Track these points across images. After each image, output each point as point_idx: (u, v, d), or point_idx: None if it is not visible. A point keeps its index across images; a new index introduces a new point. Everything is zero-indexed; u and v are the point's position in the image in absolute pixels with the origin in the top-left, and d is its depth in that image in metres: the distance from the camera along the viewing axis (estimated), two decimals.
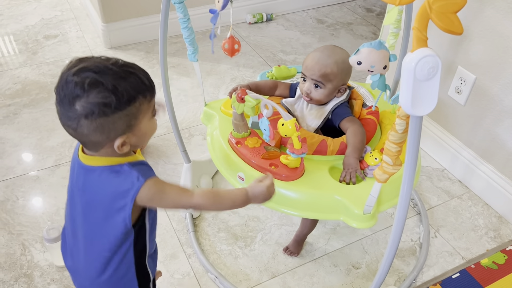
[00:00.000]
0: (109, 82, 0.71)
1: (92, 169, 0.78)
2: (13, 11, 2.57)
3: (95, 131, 0.73)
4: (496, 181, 1.48)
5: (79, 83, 0.70)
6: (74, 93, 0.71)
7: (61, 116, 0.74)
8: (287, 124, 0.95)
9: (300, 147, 0.97)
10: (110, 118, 0.72)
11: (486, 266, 1.31)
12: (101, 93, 0.71)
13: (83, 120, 0.72)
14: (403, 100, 0.66)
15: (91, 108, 0.71)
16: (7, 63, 2.14)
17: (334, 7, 2.73)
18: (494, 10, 1.32)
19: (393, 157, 0.83)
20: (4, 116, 1.82)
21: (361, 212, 0.96)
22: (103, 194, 0.78)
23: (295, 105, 1.19)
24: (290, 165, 1.01)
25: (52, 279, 1.26)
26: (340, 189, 1.01)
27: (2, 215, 1.43)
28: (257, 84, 1.22)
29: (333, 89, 1.13)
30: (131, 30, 2.26)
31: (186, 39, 1.18)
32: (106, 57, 0.76)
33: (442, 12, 0.63)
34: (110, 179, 0.77)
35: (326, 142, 1.08)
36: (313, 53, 1.13)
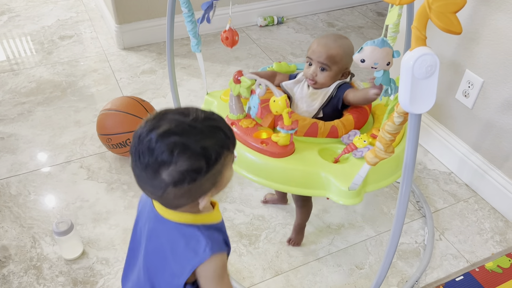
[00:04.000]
0: (197, 145, 0.64)
1: (164, 221, 0.74)
2: (30, 12, 2.64)
3: (182, 197, 0.68)
4: (503, 185, 1.47)
5: (165, 151, 0.63)
6: (160, 160, 0.63)
7: (143, 182, 0.68)
8: (278, 101, 0.99)
9: (290, 124, 1.01)
10: (199, 182, 0.66)
11: (490, 269, 1.30)
12: (191, 159, 0.64)
13: (170, 188, 0.66)
14: (402, 98, 0.68)
15: (180, 177, 0.64)
16: (23, 62, 2.20)
17: (345, 11, 2.74)
18: (501, 13, 1.33)
19: (386, 145, 0.86)
20: (19, 113, 1.87)
21: (346, 189, 0.99)
22: (167, 249, 0.74)
23: (294, 89, 1.22)
24: (280, 142, 1.05)
25: (60, 271, 1.29)
26: (328, 167, 1.05)
27: (14, 208, 1.47)
28: (257, 74, 1.25)
29: (338, 71, 1.16)
30: (143, 32, 2.31)
31: (190, 31, 1.23)
32: (184, 109, 0.68)
33: (441, 12, 0.64)
34: (179, 238, 0.72)
35: (317, 124, 1.12)
36: (318, 39, 1.17)
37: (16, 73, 2.12)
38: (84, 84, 2.05)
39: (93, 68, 2.17)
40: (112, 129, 1.53)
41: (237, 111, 1.13)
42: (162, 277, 0.77)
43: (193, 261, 0.70)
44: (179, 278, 0.72)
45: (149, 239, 0.77)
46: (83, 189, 1.54)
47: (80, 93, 2.00)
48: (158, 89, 2.03)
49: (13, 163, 1.64)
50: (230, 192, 1.54)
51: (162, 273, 0.76)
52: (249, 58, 2.26)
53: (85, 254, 1.34)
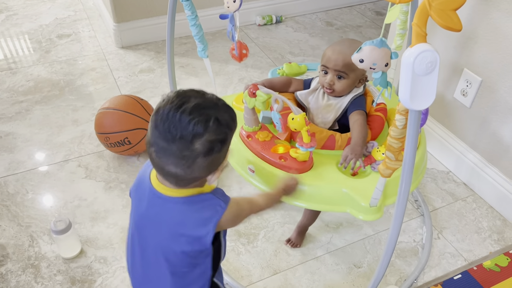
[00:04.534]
0: (224, 118, 0.73)
1: (173, 199, 0.78)
2: (28, 10, 2.63)
3: (205, 168, 0.74)
4: (501, 184, 1.47)
5: (200, 122, 0.70)
6: (194, 131, 0.70)
7: (169, 155, 0.72)
8: (297, 118, 0.98)
9: (309, 141, 1.00)
10: (221, 153, 0.74)
11: (488, 268, 1.31)
12: (219, 130, 0.72)
13: (200, 158, 0.71)
14: (402, 94, 0.68)
15: (210, 146, 0.71)
16: (21, 61, 2.19)
17: (344, 10, 2.74)
18: (499, 12, 1.33)
19: (395, 152, 0.84)
20: (17, 112, 1.86)
21: (367, 205, 0.98)
22: (184, 222, 0.78)
23: (309, 98, 1.20)
24: (299, 158, 1.04)
25: (58, 270, 1.29)
26: (347, 182, 1.03)
27: (12, 207, 1.46)
28: (271, 81, 1.24)
29: (356, 78, 1.14)
30: (141, 30, 2.30)
31: (196, 36, 1.21)
32: (197, 90, 0.76)
33: (442, 9, 0.64)
34: (193, 208, 0.78)
35: (335, 137, 1.11)
36: (332, 46, 1.14)
37: (13, 71, 2.11)
38: (82, 83, 2.05)
39: (91, 66, 2.16)
40: (110, 128, 1.53)
41: (253, 124, 1.11)
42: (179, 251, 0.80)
43: (214, 217, 0.77)
44: (205, 239, 0.78)
45: (158, 224, 0.80)
46: (81, 188, 1.54)
47: (78, 92, 1.99)
48: (156, 88, 2.03)
49: (11, 161, 1.63)
50: (228, 190, 1.54)
51: (180, 246, 0.79)
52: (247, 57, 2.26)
53: (83, 253, 1.33)
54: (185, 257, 0.81)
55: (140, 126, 1.55)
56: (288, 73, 1.34)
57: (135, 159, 1.65)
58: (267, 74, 2.14)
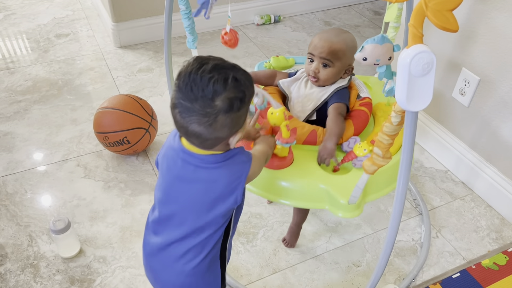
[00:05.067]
0: (241, 78, 0.76)
1: (205, 157, 0.82)
2: (26, 10, 2.63)
3: (226, 126, 0.77)
4: (499, 183, 1.48)
5: (220, 79, 0.73)
6: (216, 89, 0.73)
7: (191, 113, 0.75)
8: (276, 113, 0.97)
9: (288, 136, 0.98)
10: (240, 113, 0.77)
11: (487, 266, 1.31)
12: (238, 88, 0.75)
13: (221, 115, 0.74)
14: (399, 95, 0.68)
15: (230, 103, 0.74)
16: (19, 60, 2.19)
17: (342, 10, 2.74)
18: (498, 11, 1.33)
19: (384, 149, 0.84)
20: (15, 111, 1.86)
21: (346, 202, 0.97)
22: (218, 177, 0.82)
23: (291, 87, 1.19)
24: (279, 154, 1.03)
25: (57, 269, 1.29)
26: (327, 179, 1.02)
27: (11, 207, 1.46)
28: (256, 74, 1.23)
29: (341, 68, 1.12)
30: (140, 30, 2.30)
31: (187, 28, 1.21)
32: (215, 56, 0.79)
33: (438, 9, 0.64)
34: (225, 163, 0.82)
35: (316, 132, 1.09)
36: (320, 34, 1.13)
37: (12, 71, 2.11)
38: (80, 83, 2.05)
39: (90, 66, 2.16)
40: (109, 127, 1.53)
41: None
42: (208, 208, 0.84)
43: (244, 168, 0.83)
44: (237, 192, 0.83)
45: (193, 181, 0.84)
46: (80, 188, 1.54)
47: (76, 91, 1.99)
48: (155, 87, 2.03)
49: (10, 161, 1.63)
50: None
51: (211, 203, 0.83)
52: (246, 57, 2.26)
53: (82, 253, 1.33)
54: (211, 216, 0.84)
55: (139, 125, 1.55)
56: (275, 67, 1.32)
57: (134, 158, 1.65)
58: None
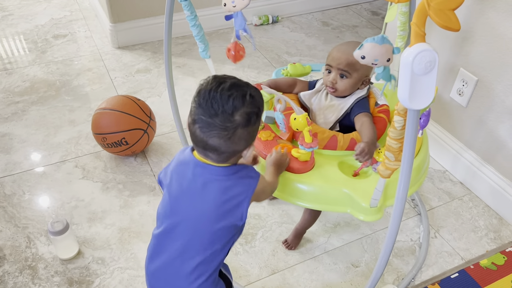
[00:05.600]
0: (256, 94, 0.85)
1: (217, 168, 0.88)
2: (23, 11, 2.62)
3: (243, 139, 0.84)
4: (497, 183, 1.48)
5: (238, 96, 0.81)
6: (235, 105, 0.81)
7: (213, 128, 0.81)
8: (299, 118, 0.98)
9: (310, 141, 1.00)
10: (255, 127, 0.85)
11: (485, 266, 1.31)
12: (254, 104, 0.83)
13: (240, 129, 0.82)
14: (401, 93, 0.68)
15: (248, 117, 0.82)
16: (17, 61, 2.18)
17: (340, 10, 2.75)
18: (495, 12, 1.34)
19: (395, 153, 0.85)
20: (13, 112, 1.86)
21: (367, 205, 0.99)
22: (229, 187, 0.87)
23: (312, 99, 1.21)
24: (301, 158, 1.04)
25: (56, 271, 1.28)
26: (348, 183, 1.04)
27: (9, 208, 1.45)
28: (276, 82, 1.24)
29: (358, 79, 1.14)
30: (138, 31, 2.30)
31: (196, 36, 1.20)
32: (228, 75, 0.87)
33: (440, 9, 0.65)
34: (236, 175, 0.88)
35: (337, 137, 1.10)
36: (338, 46, 1.16)
37: (9, 72, 2.10)
38: (78, 83, 2.04)
39: (88, 67, 2.16)
40: (107, 128, 1.52)
41: None
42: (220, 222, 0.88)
43: (251, 184, 0.88)
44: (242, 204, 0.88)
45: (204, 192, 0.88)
46: (78, 189, 1.53)
47: (74, 92, 1.99)
48: (153, 88, 2.02)
49: (7, 162, 1.62)
50: None
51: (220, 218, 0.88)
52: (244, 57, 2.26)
53: (81, 254, 1.33)
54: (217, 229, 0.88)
55: (137, 126, 1.55)
56: (292, 74, 1.33)
57: (132, 159, 1.65)
58: (263, 74, 2.15)
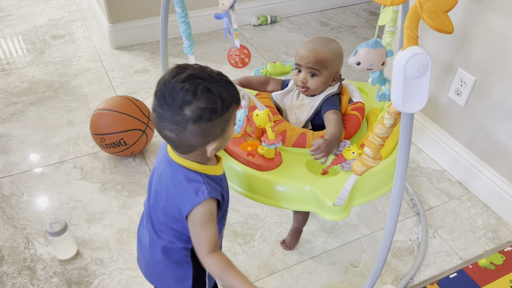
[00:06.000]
0: (216, 89, 0.76)
1: (174, 164, 0.83)
2: (21, 11, 2.62)
3: (197, 135, 0.77)
4: (496, 183, 1.48)
5: (190, 89, 0.74)
6: (185, 98, 0.74)
7: (164, 120, 0.77)
8: (261, 114, 0.97)
9: (273, 138, 0.99)
10: (213, 123, 0.77)
11: (483, 266, 1.32)
12: (210, 99, 0.75)
13: (190, 124, 0.75)
14: (394, 97, 0.68)
15: (200, 113, 0.75)
16: (15, 62, 2.18)
17: (338, 10, 2.75)
18: (493, 12, 1.34)
19: (375, 149, 0.84)
20: (11, 113, 1.86)
21: (332, 204, 0.97)
22: (172, 188, 0.83)
23: (284, 99, 1.19)
24: (266, 155, 1.03)
25: (54, 272, 1.29)
26: (314, 181, 1.02)
27: (7, 209, 1.46)
28: (249, 79, 1.23)
29: (329, 76, 1.13)
30: (136, 31, 2.30)
31: (183, 33, 1.21)
32: (200, 65, 0.80)
33: (433, 11, 0.64)
34: (183, 180, 0.82)
35: (306, 134, 1.09)
36: (305, 44, 1.14)
37: (7, 73, 2.10)
38: (77, 84, 2.04)
39: (86, 67, 2.16)
40: (105, 129, 1.53)
41: None
42: (165, 215, 0.86)
43: (193, 200, 0.80)
44: (181, 214, 0.82)
45: (158, 182, 0.87)
46: (76, 189, 1.54)
47: (73, 93, 1.99)
48: (152, 88, 2.02)
49: (6, 163, 1.63)
50: None
51: (168, 210, 0.85)
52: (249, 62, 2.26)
53: (79, 255, 1.33)
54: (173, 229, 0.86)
55: (135, 127, 1.55)
56: (272, 73, 1.32)
57: (131, 160, 1.65)
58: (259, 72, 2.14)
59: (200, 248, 0.82)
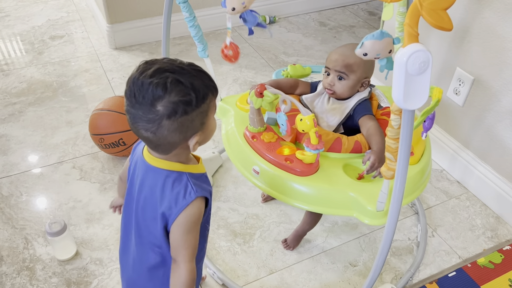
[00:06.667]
0: (187, 80, 0.72)
1: (154, 169, 0.79)
2: (20, 12, 2.61)
3: (175, 131, 0.73)
4: (494, 182, 1.49)
5: (160, 84, 0.70)
6: (155, 94, 0.70)
7: (138, 120, 0.73)
8: (305, 120, 0.96)
9: (317, 143, 0.98)
10: (189, 116, 0.73)
11: (482, 265, 1.32)
12: (182, 92, 0.71)
13: (165, 120, 0.71)
14: (396, 94, 0.68)
15: (173, 108, 0.71)
16: (14, 62, 2.18)
17: (337, 10, 2.75)
18: (491, 11, 1.34)
19: (394, 153, 0.85)
20: (10, 114, 1.85)
21: (374, 209, 0.97)
22: (157, 195, 0.79)
23: (314, 102, 1.20)
24: (305, 160, 1.03)
25: (53, 272, 1.28)
26: (354, 186, 1.02)
27: (6, 210, 1.45)
28: (278, 82, 1.23)
29: (357, 81, 1.14)
30: (135, 31, 2.30)
31: (195, 37, 1.20)
32: (169, 58, 0.77)
33: (433, 8, 0.65)
34: (168, 183, 0.78)
35: (341, 139, 1.10)
36: (337, 48, 1.16)
37: (6, 73, 2.10)
38: (75, 84, 2.04)
39: (85, 68, 2.15)
40: (104, 129, 1.52)
41: (258, 124, 1.10)
42: (152, 225, 0.82)
43: (180, 204, 0.77)
44: (167, 219, 0.79)
45: (140, 191, 0.82)
46: (75, 190, 1.53)
47: (71, 93, 1.99)
48: None
49: (5, 164, 1.62)
50: (224, 191, 1.54)
51: (152, 221, 0.81)
52: (241, 58, 2.26)
53: (79, 255, 1.33)
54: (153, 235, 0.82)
55: None
56: (292, 75, 1.32)
57: None
58: (261, 74, 2.15)
59: (180, 253, 0.79)
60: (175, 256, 0.81)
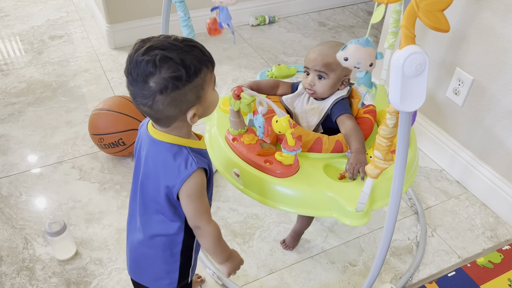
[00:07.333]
0: (176, 56, 0.75)
1: (157, 142, 0.84)
2: (19, 12, 2.62)
3: (170, 105, 0.77)
4: (493, 181, 1.49)
5: (150, 61, 0.74)
6: (146, 71, 0.74)
7: (136, 96, 0.77)
8: (281, 121, 0.96)
9: (293, 144, 0.98)
10: (182, 91, 0.76)
11: (482, 265, 1.32)
12: (171, 68, 0.74)
13: (158, 96, 0.75)
14: (393, 96, 0.68)
15: (164, 83, 0.75)
16: (13, 62, 2.18)
17: (336, 10, 2.75)
18: (490, 11, 1.34)
19: (384, 151, 0.84)
20: (9, 114, 1.86)
21: (353, 210, 0.96)
22: (160, 167, 0.83)
23: (294, 102, 1.19)
24: (284, 162, 1.02)
25: (53, 272, 1.28)
26: (333, 186, 1.01)
27: (6, 210, 1.46)
28: (259, 83, 1.23)
29: (337, 79, 1.13)
30: (134, 31, 2.30)
31: (187, 36, 1.20)
32: (165, 35, 0.80)
33: (429, 10, 0.65)
34: (169, 156, 0.82)
35: (322, 139, 1.09)
36: (314, 47, 1.15)
37: (5, 73, 2.10)
38: (75, 84, 2.04)
39: (84, 68, 2.16)
40: (104, 129, 1.53)
41: (238, 127, 1.09)
42: (155, 195, 0.85)
43: (183, 174, 0.81)
44: (171, 190, 0.82)
45: (145, 163, 0.86)
46: (75, 190, 1.54)
47: (71, 93, 1.99)
48: None
49: (4, 164, 1.62)
50: (223, 191, 1.54)
51: (156, 190, 0.85)
52: (241, 58, 2.27)
53: (78, 255, 1.33)
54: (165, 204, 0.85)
55: (134, 127, 1.55)
56: (277, 75, 1.32)
57: (129, 160, 1.65)
58: None
59: (200, 218, 0.85)
60: (195, 224, 0.86)
